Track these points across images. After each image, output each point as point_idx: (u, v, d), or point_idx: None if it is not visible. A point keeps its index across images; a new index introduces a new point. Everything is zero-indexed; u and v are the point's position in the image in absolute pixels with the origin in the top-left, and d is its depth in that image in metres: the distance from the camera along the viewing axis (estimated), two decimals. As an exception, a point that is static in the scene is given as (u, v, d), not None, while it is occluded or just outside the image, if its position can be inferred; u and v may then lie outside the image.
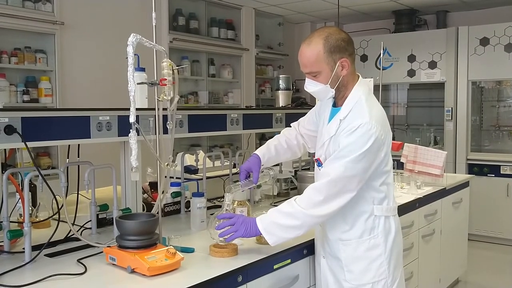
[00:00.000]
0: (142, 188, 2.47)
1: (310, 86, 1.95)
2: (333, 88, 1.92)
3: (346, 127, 1.87)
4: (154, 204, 2.08)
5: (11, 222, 1.96)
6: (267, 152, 2.24)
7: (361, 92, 1.94)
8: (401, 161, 3.63)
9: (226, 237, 1.92)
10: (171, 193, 2.67)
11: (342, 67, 1.90)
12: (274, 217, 1.90)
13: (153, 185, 2.75)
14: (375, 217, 1.95)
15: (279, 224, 1.89)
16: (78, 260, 1.86)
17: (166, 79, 1.84)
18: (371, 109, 1.89)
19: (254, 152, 2.22)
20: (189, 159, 3.13)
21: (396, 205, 2.05)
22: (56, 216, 2.08)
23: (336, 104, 2.01)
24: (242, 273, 1.85)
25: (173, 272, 1.75)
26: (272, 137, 2.35)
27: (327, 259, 2.05)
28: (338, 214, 1.93)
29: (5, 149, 2.15)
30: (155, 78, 1.88)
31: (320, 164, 2.00)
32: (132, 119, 1.71)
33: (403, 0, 5.76)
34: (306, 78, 1.96)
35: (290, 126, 2.36)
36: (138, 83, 1.84)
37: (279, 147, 2.27)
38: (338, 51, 1.87)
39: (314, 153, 2.15)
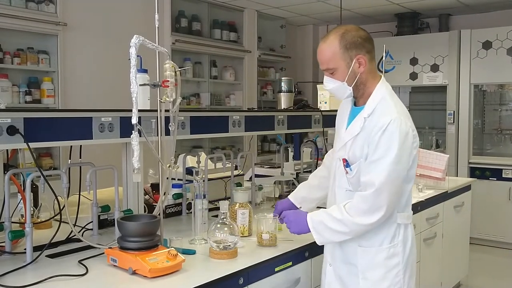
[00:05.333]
0: (144, 189, 2.47)
1: (328, 84, 1.93)
2: (351, 86, 1.88)
3: (374, 126, 1.82)
4: (155, 205, 2.09)
5: (12, 222, 1.96)
6: (297, 193, 2.30)
7: (385, 91, 1.91)
8: (403, 164, 3.61)
9: (228, 244, 1.95)
10: (173, 195, 2.67)
11: (359, 64, 1.86)
12: (324, 219, 1.89)
13: (155, 187, 2.75)
14: (398, 225, 1.91)
15: (328, 227, 1.88)
16: (79, 261, 1.86)
17: (168, 81, 1.85)
18: (396, 105, 1.87)
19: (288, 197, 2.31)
20: (191, 161, 3.13)
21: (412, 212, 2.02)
22: (58, 217, 2.08)
23: (357, 103, 1.97)
24: (244, 275, 1.84)
25: (174, 274, 1.75)
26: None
27: (335, 266, 2.00)
28: None
29: (7, 150, 2.15)
30: (158, 80, 1.89)
31: (348, 165, 1.92)
32: (134, 120, 1.71)
33: (406, 3, 5.76)
34: (324, 76, 1.93)
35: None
36: (140, 85, 1.83)
37: (310, 185, 2.29)
38: (355, 48, 1.84)
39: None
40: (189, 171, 2.79)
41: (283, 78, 3.60)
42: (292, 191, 3.25)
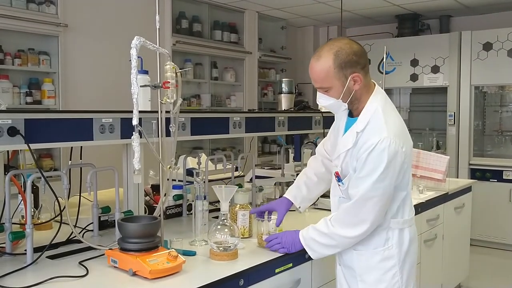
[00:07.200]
0: (144, 190, 2.47)
1: (322, 100, 1.91)
2: (346, 102, 1.87)
3: (364, 143, 1.82)
4: (156, 206, 2.08)
5: (13, 223, 1.96)
6: (297, 192, 2.21)
7: (378, 103, 1.88)
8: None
9: (229, 245, 1.95)
10: (173, 196, 2.67)
11: (354, 82, 1.83)
12: (313, 234, 1.95)
13: (155, 188, 2.75)
14: (389, 229, 1.93)
15: (318, 242, 1.93)
16: (80, 263, 1.86)
17: (169, 82, 1.85)
18: (388, 121, 1.84)
19: (284, 196, 2.22)
20: (191, 162, 3.13)
21: (413, 214, 2.02)
22: (58, 218, 2.07)
23: (352, 114, 1.97)
24: (244, 277, 1.84)
25: (174, 275, 1.75)
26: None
27: (343, 266, 2.06)
28: None
29: (7, 151, 2.15)
30: (158, 81, 1.89)
31: (340, 180, 1.94)
32: (135, 121, 1.71)
33: (407, 4, 5.76)
34: (318, 92, 1.92)
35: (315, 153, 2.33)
36: (141, 86, 1.84)
37: (309, 183, 2.22)
38: (350, 66, 1.80)
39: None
40: (189, 172, 2.79)
41: (283, 79, 3.60)
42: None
